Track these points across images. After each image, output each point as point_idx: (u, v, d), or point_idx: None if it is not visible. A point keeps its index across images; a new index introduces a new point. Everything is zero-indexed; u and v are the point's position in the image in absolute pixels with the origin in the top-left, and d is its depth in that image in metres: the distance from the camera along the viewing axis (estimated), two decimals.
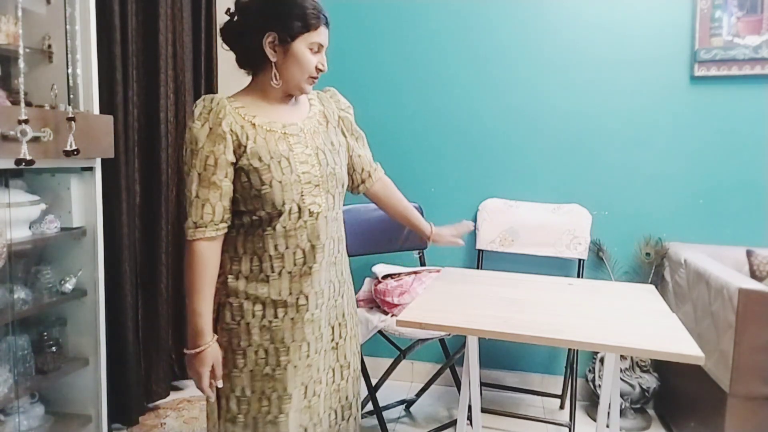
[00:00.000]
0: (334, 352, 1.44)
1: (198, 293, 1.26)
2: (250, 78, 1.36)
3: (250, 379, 1.32)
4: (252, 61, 1.32)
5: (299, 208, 1.29)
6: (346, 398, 1.48)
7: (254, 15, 1.28)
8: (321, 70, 1.32)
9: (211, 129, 1.24)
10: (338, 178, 1.37)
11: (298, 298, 1.32)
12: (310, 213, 1.30)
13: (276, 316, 1.31)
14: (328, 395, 1.43)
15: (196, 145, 1.25)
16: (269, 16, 1.27)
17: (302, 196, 1.29)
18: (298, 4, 1.27)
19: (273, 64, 1.29)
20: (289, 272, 1.31)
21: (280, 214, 1.27)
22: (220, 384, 1.31)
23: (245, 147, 1.25)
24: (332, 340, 1.43)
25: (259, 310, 1.31)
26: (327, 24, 1.32)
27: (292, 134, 1.31)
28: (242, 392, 1.33)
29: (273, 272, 1.30)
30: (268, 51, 1.27)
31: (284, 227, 1.28)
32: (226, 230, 1.30)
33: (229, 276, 1.32)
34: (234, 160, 1.26)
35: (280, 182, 1.26)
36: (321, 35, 1.30)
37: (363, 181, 1.54)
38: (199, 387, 1.30)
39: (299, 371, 1.34)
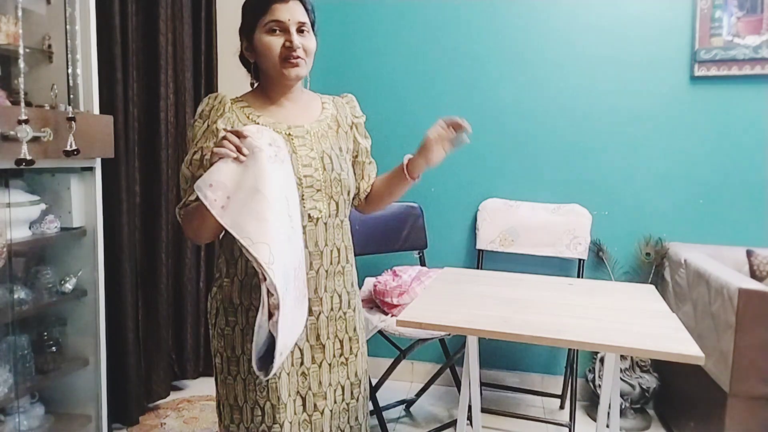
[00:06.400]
0: (344, 368, 1.35)
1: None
2: (247, 78, 1.36)
3: (243, 388, 1.27)
4: (249, 70, 1.34)
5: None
6: (356, 419, 1.39)
7: (239, 33, 1.32)
8: (291, 48, 1.23)
9: (207, 126, 1.25)
10: (344, 184, 1.31)
11: None
12: (310, 218, 1.26)
13: None
14: (336, 414, 1.34)
15: (192, 143, 1.26)
16: (240, 28, 1.30)
17: (302, 199, 1.25)
18: None
19: (253, 66, 1.31)
20: None
21: None
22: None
23: None
24: (341, 354, 1.35)
25: (253, 316, 1.25)
26: None
27: (297, 136, 1.28)
28: (235, 401, 1.28)
29: None
30: (247, 56, 1.30)
31: None
32: None
33: (225, 279, 1.29)
34: None
35: None
36: (275, 12, 1.23)
37: (364, 190, 1.46)
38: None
39: (292, 379, 1.28)
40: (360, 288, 2.35)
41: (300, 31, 1.25)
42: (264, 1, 1.24)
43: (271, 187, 1.08)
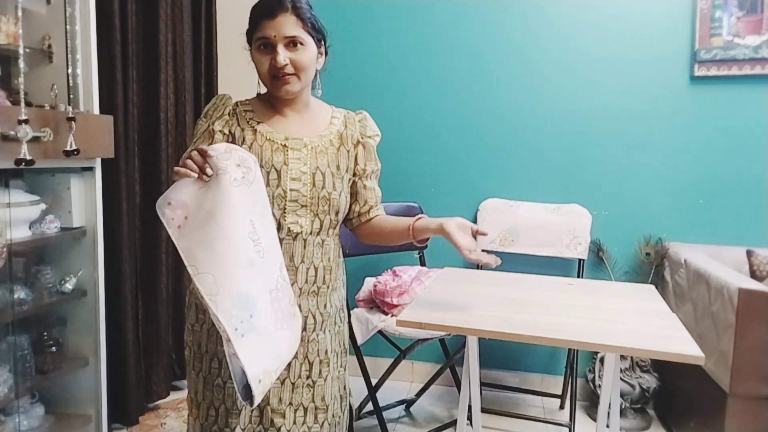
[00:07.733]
0: (309, 390, 1.32)
1: None
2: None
3: (203, 385, 1.29)
4: None
5: (279, 224, 1.24)
6: None
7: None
8: (276, 67, 1.22)
9: (207, 127, 1.28)
10: (333, 204, 1.30)
11: None
12: (289, 231, 1.26)
13: None
14: None
15: (192, 140, 1.29)
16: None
17: (284, 212, 1.25)
18: (254, 7, 1.26)
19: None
20: None
21: None
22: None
23: None
24: (308, 377, 1.32)
25: None
26: (272, 13, 1.20)
27: (293, 148, 1.27)
28: (195, 396, 1.31)
29: None
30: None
31: None
32: None
33: None
34: None
35: None
36: (263, 28, 1.21)
37: (359, 214, 1.40)
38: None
39: None
40: (360, 288, 2.37)
41: (293, 44, 1.22)
42: (254, 17, 1.24)
43: (228, 213, 1.07)
